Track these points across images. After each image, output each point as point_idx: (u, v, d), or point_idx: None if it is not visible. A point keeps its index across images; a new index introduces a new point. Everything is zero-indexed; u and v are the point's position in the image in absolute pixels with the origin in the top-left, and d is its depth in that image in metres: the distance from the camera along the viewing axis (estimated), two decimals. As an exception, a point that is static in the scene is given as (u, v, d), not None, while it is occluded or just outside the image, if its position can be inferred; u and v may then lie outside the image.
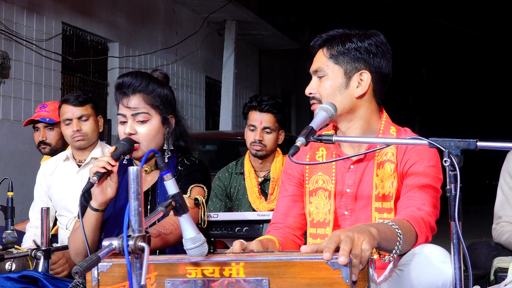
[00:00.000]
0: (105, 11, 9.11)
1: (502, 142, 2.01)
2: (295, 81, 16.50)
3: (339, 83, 2.30)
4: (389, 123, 2.38)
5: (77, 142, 3.63)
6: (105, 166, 2.32)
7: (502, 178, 3.33)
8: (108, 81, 9.41)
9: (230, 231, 3.52)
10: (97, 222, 2.43)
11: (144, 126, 2.51)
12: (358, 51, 2.30)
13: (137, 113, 2.51)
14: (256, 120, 3.89)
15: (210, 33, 12.10)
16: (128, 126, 2.50)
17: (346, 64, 2.30)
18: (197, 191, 2.53)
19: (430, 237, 2.15)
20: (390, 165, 2.28)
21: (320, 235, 2.33)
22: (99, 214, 2.42)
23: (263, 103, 3.88)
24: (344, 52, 2.30)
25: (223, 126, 11.25)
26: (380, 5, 15.74)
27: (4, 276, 2.35)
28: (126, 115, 2.52)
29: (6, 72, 7.22)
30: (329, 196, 2.34)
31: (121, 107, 2.54)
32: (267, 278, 1.73)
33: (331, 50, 2.32)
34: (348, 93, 2.30)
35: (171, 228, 2.35)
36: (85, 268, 1.53)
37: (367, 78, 2.30)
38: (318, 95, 2.32)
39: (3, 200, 3.19)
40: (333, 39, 2.34)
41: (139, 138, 2.50)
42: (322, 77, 2.32)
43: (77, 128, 3.61)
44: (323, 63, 2.33)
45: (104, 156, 2.36)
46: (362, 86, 2.30)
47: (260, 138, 3.88)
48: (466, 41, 20.74)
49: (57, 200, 3.69)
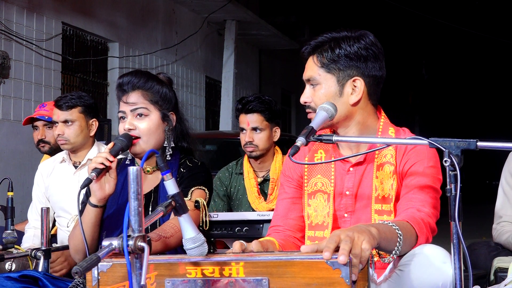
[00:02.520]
0: (105, 11, 9.11)
1: (502, 142, 2.01)
2: (295, 81, 16.47)
3: (332, 91, 2.28)
4: (388, 124, 2.37)
5: (61, 145, 3.65)
6: (103, 162, 2.32)
7: (503, 178, 3.33)
8: (108, 81, 9.41)
9: (230, 231, 3.52)
10: (96, 219, 2.43)
11: (144, 121, 2.52)
12: (349, 57, 2.27)
13: (136, 108, 2.52)
14: (244, 122, 3.89)
15: (210, 33, 12.10)
16: (127, 122, 2.51)
17: (338, 71, 2.28)
18: (198, 194, 2.53)
19: (430, 238, 2.15)
20: (389, 167, 2.27)
21: (318, 237, 2.32)
22: (98, 210, 2.42)
23: (248, 104, 3.87)
24: (335, 59, 2.28)
25: (223, 126, 11.25)
26: (380, 5, 15.73)
27: (5, 276, 2.35)
28: (125, 112, 2.53)
29: (6, 72, 7.22)
30: (328, 199, 2.33)
31: (121, 104, 2.56)
32: (267, 278, 1.73)
33: (322, 58, 2.29)
34: (343, 101, 2.28)
35: (172, 231, 2.35)
36: (85, 268, 1.53)
37: (360, 85, 2.28)
38: (313, 104, 2.30)
39: (3, 200, 3.19)
40: (322, 46, 2.31)
41: (139, 133, 2.51)
42: (315, 86, 2.30)
43: (59, 132, 3.61)
44: (314, 71, 2.30)
45: (103, 152, 2.36)
46: (356, 93, 2.29)
47: (250, 139, 3.87)
48: (466, 41, 20.73)
49: (55, 201, 3.69)
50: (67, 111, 3.62)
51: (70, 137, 3.61)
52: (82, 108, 3.65)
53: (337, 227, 2.31)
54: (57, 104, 3.64)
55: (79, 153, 3.67)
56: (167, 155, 2.57)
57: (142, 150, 2.51)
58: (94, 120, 3.70)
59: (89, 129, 3.67)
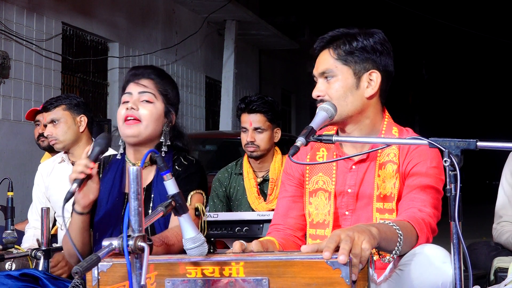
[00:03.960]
0: (105, 11, 9.11)
1: (502, 142, 2.01)
2: (295, 81, 16.50)
3: (350, 83, 2.27)
4: (391, 123, 2.36)
5: (53, 145, 3.66)
6: (84, 170, 2.25)
7: (503, 177, 3.32)
8: (108, 81, 9.41)
9: (230, 231, 3.52)
10: (84, 224, 2.39)
11: (148, 107, 2.49)
12: (365, 50, 2.27)
13: (144, 91, 2.50)
14: (246, 122, 3.89)
15: (210, 33, 12.10)
16: (132, 102, 2.47)
17: (354, 64, 2.27)
18: (197, 199, 2.49)
19: (431, 238, 2.14)
20: (392, 166, 2.26)
21: (319, 236, 2.32)
22: (84, 217, 2.38)
23: (251, 104, 3.88)
24: (352, 52, 2.27)
25: (223, 126, 11.25)
26: (380, 5, 15.73)
27: (5, 274, 2.35)
28: (132, 93, 2.50)
29: (6, 72, 7.22)
30: (329, 197, 2.33)
31: (130, 86, 2.52)
32: (267, 278, 1.73)
33: (338, 51, 2.28)
34: (359, 94, 2.27)
35: (174, 240, 2.32)
36: (85, 268, 1.53)
37: (376, 78, 2.28)
38: (327, 97, 2.27)
39: (3, 200, 3.19)
40: (338, 39, 2.30)
41: (140, 116, 2.47)
42: (331, 79, 2.28)
43: (48, 133, 3.62)
44: (331, 64, 2.28)
45: (81, 160, 2.27)
46: (372, 86, 2.28)
47: (251, 139, 3.87)
48: (466, 41, 20.74)
49: (55, 201, 3.69)
50: (51, 111, 3.64)
51: (58, 136, 3.61)
52: (67, 106, 3.65)
53: (338, 225, 2.31)
54: (43, 109, 3.68)
55: (76, 152, 3.66)
56: (162, 151, 2.52)
57: (139, 134, 2.46)
58: (82, 116, 3.67)
59: (77, 126, 3.65)
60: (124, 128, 2.48)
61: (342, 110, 2.26)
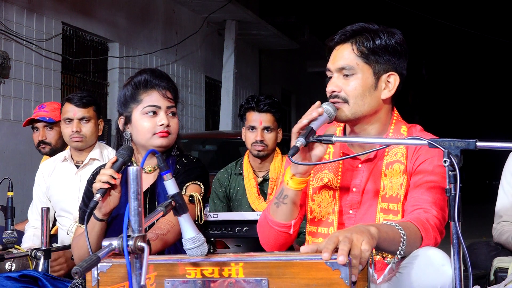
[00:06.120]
0: (105, 11, 9.11)
1: (502, 142, 2.00)
2: (295, 81, 16.49)
3: (369, 83, 2.22)
4: (400, 121, 2.33)
5: (75, 142, 3.62)
6: (109, 180, 2.26)
7: (503, 177, 3.32)
8: (108, 81, 9.41)
9: (230, 231, 3.51)
10: (101, 231, 2.41)
11: (175, 120, 2.58)
12: (387, 50, 2.22)
13: (172, 105, 2.56)
14: (255, 121, 3.89)
15: (210, 33, 12.10)
16: (164, 118, 2.52)
17: (375, 64, 2.21)
18: (193, 188, 2.52)
19: (438, 238, 2.10)
20: (399, 166, 2.23)
21: (322, 234, 2.28)
22: (104, 224, 2.41)
23: (261, 103, 3.89)
24: (375, 50, 2.20)
25: (223, 126, 11.25)
26: (380, 5, 15.73)
27: (5, 276, 2.35)
28: (161, 107, 2.54)
29: (6, 72, 7.22)
30: (333, 195, 2.30)
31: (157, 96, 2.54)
32: (267, 279, 1.73)
33: (361, 47, 2.21)
34: (376, 95, 2.23)
35: (167, 227, 2.35)
36: (85, 268, 1.53)
37: (395, 80, 2.24)
38: (343, 94, 2.21)
39: (3, 200, 3.19)
40: (360, 34, 2.23)
41: (171, 130, 2.54)
42: (350, 76, 2.22)
43: (77, 129, 3.60)
44: (352, 60, 2.21)
45: (107, 169, 2.28)
46: (389, 88, 2.24)
47: (261, 138, 3.88)
48: (466, 41, 20.74)
49: (56, 201, 3.68)
50: (84, 108, 3.63)
51: (87, 134, 3.62)
52: (95, 107, 3.70)
53: (341, 223, 2.28)
54: (72, 102, 3.63)
55: (85, 153, 3.68)
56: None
57: (168, 144, 2.55)
58: (101, 120, 3.75)
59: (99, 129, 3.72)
60: (155, 139, 2.53)
61: (357, 109, 2.22)
